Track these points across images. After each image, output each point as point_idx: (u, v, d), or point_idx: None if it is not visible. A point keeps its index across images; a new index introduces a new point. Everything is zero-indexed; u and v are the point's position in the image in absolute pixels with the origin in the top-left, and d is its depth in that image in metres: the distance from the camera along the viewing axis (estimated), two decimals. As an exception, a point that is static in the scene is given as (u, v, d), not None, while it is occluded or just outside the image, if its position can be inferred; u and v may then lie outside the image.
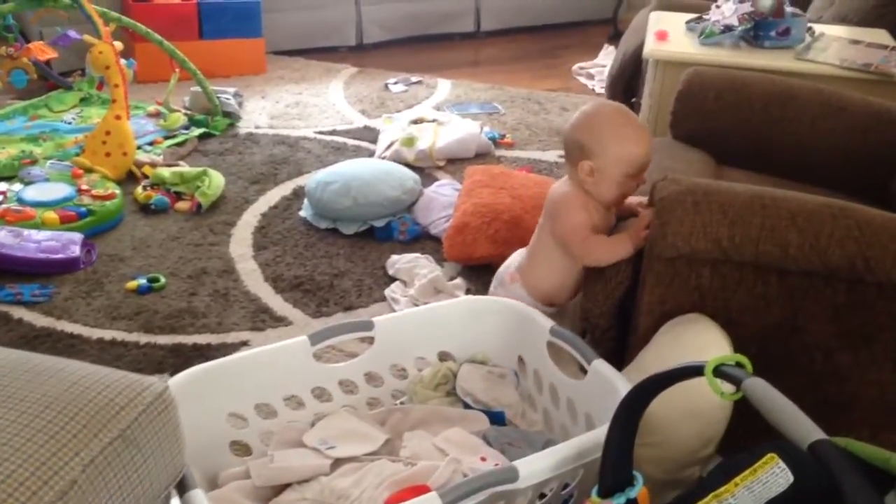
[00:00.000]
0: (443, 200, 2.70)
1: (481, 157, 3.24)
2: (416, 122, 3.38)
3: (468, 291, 2.32)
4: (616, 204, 1.75)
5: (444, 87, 4.08)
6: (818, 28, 2.80)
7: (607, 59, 4.28)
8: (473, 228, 2.40)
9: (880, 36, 2.75)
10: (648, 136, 1.71)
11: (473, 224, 2.41)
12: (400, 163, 2.97)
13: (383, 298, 2.32)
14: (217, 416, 1.53)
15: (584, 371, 1.55)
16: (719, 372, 1.05)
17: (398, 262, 2.44)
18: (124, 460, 1.04)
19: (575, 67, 4.49)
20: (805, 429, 0.93)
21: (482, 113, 3.72)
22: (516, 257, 1.94)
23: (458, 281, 2.37)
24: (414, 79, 4.15)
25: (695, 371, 1.07)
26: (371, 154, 3.22)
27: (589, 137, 1.68)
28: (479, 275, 2.41)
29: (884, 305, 1.45)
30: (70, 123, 3.33)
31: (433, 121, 3.37)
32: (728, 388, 1.05)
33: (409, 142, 3.14)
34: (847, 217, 1.45)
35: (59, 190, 2.66)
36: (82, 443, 1.00)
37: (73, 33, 3.06)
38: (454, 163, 3.15)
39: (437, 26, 4.85)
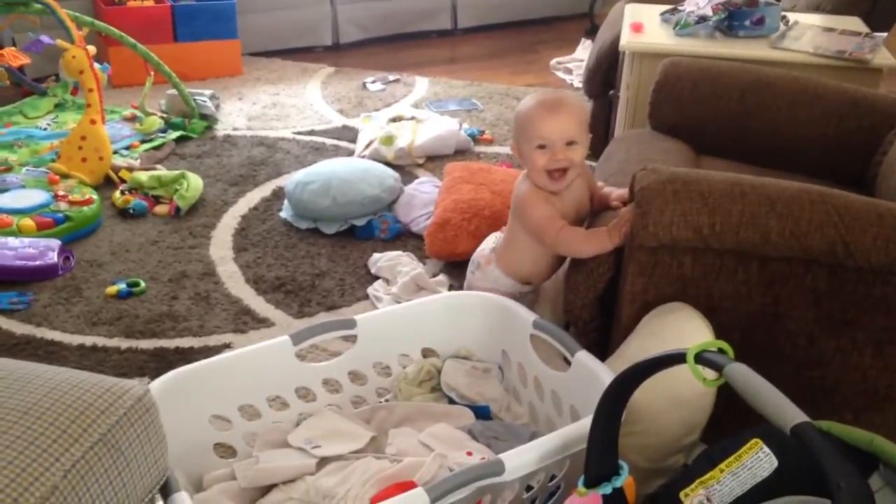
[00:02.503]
0: (423, 198, 2.70)
1: (461, 153, 3.24)
2: (394, 120, 3.36)
3: (451, 287, 2.31)
4: (552, 185, 1.75)
5: (422, 84, 4.07)
6: (792, 16, 2.81)
7: (585, 53, 4.28)
8: (454, 225, 2.40)
9: (853, 23, 2.77)
10: (560, 110, 1.72)
11: (454, 220, 2.41)
12: (379, 161, 2.96)
13: (366, 297, 2.31)
14: (200, 419, 1.51)
15: (568, 363, 1.55)
16: (701, 358, 1.05)
17: (380, 260, 2.43)
18: (106, 465, 1.03)
19: (553, 62, 4.49)
20: (787, 412, 0.94)
21: (461, 110, 3.72)
22: (490, 241, 1.98)
23: (441, 277, 2.37)
24: (392, 77, 4.14)
25: (677, 358, 1.07)
26: (350, 153, 3.21)
27: (514, 124, 1.82)
28: (461, 271, 2.39)
29: (864, 290, 1.46)
30: (45, 129, 3.29)
31: (412, 118, 3.36)
32: (710, 374, 1.05)
33: (388, 140, 3.13)
34: (826, 202, 1.46)
35: (36, 196, 2.63)
36: (63, 448, 0.99)
37: (45, 38, 3.03)
38: (434, 160, 3.15)
39: (414, 24, 4.84)
